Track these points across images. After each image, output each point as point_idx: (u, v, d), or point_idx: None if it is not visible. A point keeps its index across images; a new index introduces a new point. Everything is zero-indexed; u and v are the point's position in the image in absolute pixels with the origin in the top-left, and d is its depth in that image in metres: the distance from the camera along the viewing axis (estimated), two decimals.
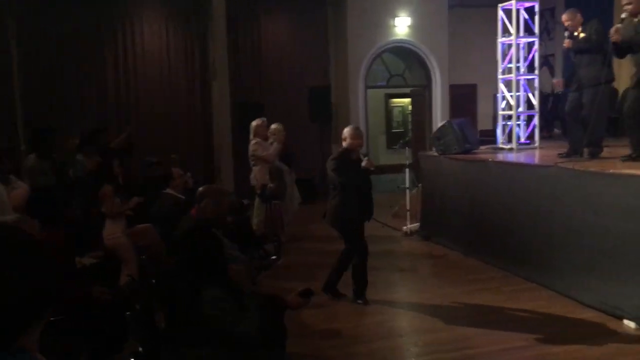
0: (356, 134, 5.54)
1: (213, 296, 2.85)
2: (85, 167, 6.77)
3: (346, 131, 5.57)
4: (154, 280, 3.89)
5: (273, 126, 7.98)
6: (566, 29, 6.44)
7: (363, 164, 5.41)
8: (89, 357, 3.63)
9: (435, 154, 8.03)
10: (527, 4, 8.22)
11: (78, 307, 3.56)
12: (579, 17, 6.37)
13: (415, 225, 8.47)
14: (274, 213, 7.83)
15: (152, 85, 11.44)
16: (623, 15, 5.67)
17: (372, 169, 5.48)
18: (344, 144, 5.52)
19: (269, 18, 12.27)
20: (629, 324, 4.73)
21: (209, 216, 3.97)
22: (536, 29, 8.30)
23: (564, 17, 6.48)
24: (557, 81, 6.66)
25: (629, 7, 5.53)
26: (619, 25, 5.64)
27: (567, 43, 6.37)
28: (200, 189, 4.22)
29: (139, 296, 3.41)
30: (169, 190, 5.89)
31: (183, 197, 5.95)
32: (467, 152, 7.70)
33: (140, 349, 3.01)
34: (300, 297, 3.36)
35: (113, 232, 5.14)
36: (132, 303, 3.26)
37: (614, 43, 5.64)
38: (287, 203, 8.06)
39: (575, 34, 6.31)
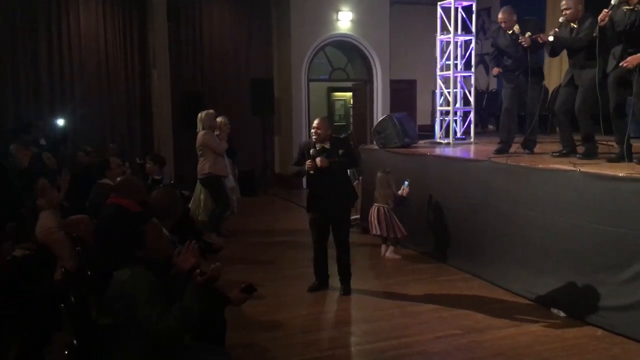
0: None
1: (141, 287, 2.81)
2: (15, 158, 6.51)
3: None
4: (89, 272, 3.81)
5: (218, 119, 7.79)
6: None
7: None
8: (19, 350, 3.52)
9: (376, 147, 8.16)
10: (465, 3, 8.42)
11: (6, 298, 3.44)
12: (514, 17, 6.52)
13: (355, 217, 8.58)
14: None
15: (89, 73, 11.02)
16: (561, 20, 5.89)
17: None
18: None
19: (210, 7, 12.06)
20: (558, 312, 4.96)
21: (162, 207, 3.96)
22: (473, 28, 8.53)
23: (500, 15, 6.58)
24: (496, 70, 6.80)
25: (568, 12, 5.74)
26: (556, 30, 5.89)
27: (526, 42, 6.21)
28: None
29: (74, 287, 3.33)
30: (105, 180, 5.73)
31: None
32: (406, 146, 7.86)
33: (75, 341, 2.94)
34: (242, 293, 3.37)
35: (48, 225, 4.90)
36: (67, 295, 3.18)
37: (551, 43, 5.90)
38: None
39: (510, 32, 6.48)
